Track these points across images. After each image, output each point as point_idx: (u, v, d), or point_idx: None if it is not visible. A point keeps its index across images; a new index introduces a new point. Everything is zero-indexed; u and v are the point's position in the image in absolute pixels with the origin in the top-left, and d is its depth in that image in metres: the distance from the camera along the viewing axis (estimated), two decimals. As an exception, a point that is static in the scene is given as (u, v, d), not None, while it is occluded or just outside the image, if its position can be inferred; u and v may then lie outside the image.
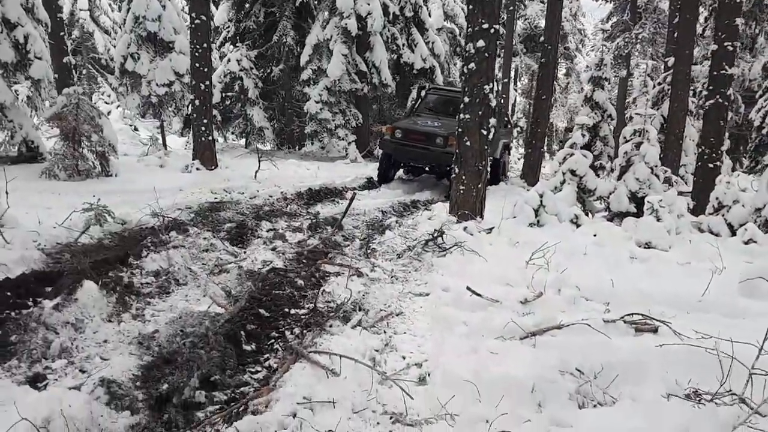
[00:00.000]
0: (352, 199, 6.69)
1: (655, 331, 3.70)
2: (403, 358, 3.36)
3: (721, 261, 5.33)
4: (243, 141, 18.08)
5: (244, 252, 5.45)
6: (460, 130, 7.54)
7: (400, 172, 12.81)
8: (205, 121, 10.77)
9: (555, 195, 8.52)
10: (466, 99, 7.40)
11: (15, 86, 11.21)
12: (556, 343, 3.49)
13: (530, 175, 13.59)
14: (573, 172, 8.86)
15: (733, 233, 7.59)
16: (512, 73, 34.02)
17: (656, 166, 8.56)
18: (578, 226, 7.92)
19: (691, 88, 13.86)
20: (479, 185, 7.66)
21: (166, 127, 16.12)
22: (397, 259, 5.86)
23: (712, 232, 7.78)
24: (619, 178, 8.89)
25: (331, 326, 3.49)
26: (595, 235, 7.39)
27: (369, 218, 8.76)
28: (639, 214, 8.36)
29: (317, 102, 15.59)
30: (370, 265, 5.29)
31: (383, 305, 4.15)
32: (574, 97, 42.38)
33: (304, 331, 3.45)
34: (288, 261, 5.27)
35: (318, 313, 3.75)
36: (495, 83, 7.38)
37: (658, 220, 7.27)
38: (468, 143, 7.46)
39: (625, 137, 18.04)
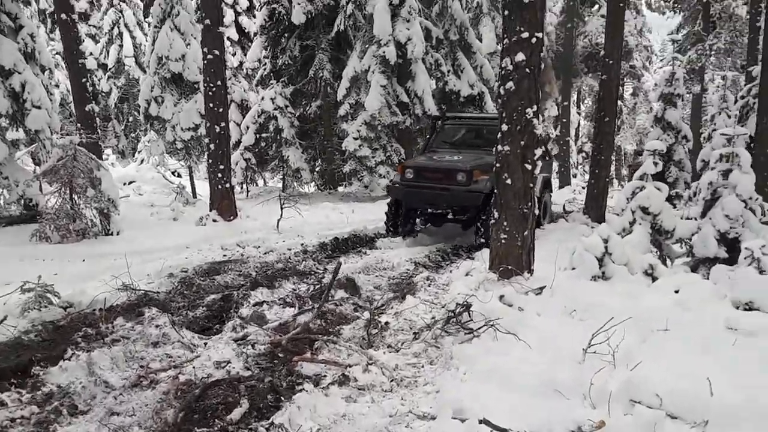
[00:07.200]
0: (337, 270, 5.26)
1: None
2: None
3: None
4: (281, 184, 17.13)
5: (206, 344, 4.14)
6: (498, 165, 6.07)
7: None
8: (221, 166, 9.75)
9: (624, 239, 6.88)
10: (504, 127, 5.93)
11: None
12: None
13: (594, 209, 11.78)
14: (645, 210, 7.15)
15: None
16: (574, 96, 32.08)
17: (750, 198, 6.75)
18: (654, 279, 6.25)
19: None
20: (525, 232, 6.12)
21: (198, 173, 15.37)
22: (412, 344, 4.41)
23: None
24: (703, 214, 7.08)
25: None
26: (677, 292, 5.73)
27: (398, 273, 7.35)
28: (732, 260, 6.57)
29: (356, 138, 14.41)
30: (366, 360, 3.87)
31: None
32: (643, 118, 39.70)
33: None
34: (254, 359, 3.89)
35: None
36: (539, 106, 5.90)
37: (761, 272, 5.49)
38: (509, 181, 5.97)
39: (703, 160, 15.95)
